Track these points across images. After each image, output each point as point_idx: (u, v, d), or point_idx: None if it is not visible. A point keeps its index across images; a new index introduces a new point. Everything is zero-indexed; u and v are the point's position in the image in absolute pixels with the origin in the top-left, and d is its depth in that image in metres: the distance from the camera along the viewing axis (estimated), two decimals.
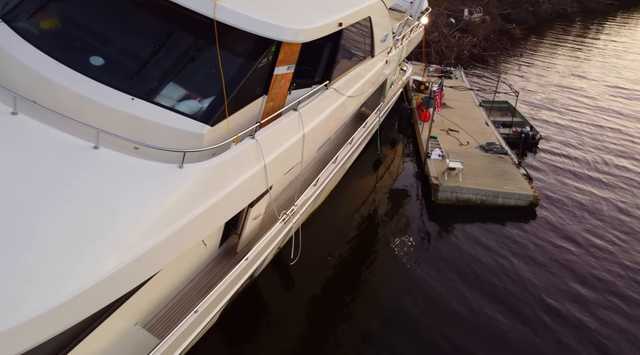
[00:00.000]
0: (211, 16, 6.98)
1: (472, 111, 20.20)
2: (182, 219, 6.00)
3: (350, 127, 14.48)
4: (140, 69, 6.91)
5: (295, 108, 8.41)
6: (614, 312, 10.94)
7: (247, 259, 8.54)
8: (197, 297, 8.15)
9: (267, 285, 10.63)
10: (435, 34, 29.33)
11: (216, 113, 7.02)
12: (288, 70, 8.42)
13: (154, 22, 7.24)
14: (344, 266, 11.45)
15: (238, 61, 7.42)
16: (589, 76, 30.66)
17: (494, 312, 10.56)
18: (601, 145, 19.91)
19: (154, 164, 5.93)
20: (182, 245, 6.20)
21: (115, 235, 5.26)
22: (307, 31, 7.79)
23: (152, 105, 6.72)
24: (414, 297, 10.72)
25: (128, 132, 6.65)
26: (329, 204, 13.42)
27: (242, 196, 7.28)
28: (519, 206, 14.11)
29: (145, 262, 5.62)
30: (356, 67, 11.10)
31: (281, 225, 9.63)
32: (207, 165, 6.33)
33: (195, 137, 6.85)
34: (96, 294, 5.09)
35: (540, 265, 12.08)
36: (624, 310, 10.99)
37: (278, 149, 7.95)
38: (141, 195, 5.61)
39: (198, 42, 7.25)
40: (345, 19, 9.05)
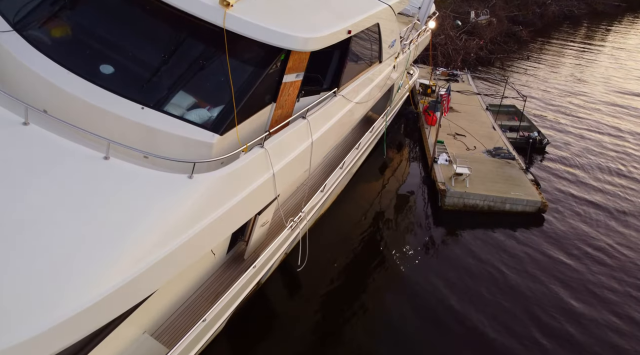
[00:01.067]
0: (221, 25, 6.98)
1: (479, 115, 20.13)
2: (192, 230, 6.00)
3: (357, 131, 14.46)
4: (149, 78, 6.92)
5: (304, 116, 8.40)
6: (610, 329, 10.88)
7: (255, 267, 8.54)
8: (205, 305, 8.15)
9: (274, 291, 10.62)
10: (442, 37, 29.24)
11: (225, 122, 7.03)
12: (297, 78, 8.42)
13: (164, 30, 7.25)
14: (351, 272, 11.43)
15: (247, 70, 7.42)
16: (597, 79, 30.50)
17: (497, 320, 10.52)
18: (610, 150, 19.76)
19: (164, 174, 5.94)
20: (192, 255, 6.20)
21: (125, 247, 5.26)
22: (316, 39, 7.78)
23: (162, 114, 6.74)
24: (421, 305, 10.68)
25: (138, 141, 6.67)
26: (336, 208, 13.40)
27: (251, 205, 7.28)
28: (527, 212, 14.05)
29: (155, 273, 5.62)
30: (364, 73, 11.08)
31: (288, 232, 9.63)
32: (216, 175, 6.33)
33: (205, 146, 6.86)
34: (106, 306, 5.09)
35: (547, 275, 12.00)
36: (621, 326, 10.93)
37: (287, 157, 7.95)
38: (151, 206, 5.61)
39: (207, 51, 7.26)
40: (354, 26, 9.03)
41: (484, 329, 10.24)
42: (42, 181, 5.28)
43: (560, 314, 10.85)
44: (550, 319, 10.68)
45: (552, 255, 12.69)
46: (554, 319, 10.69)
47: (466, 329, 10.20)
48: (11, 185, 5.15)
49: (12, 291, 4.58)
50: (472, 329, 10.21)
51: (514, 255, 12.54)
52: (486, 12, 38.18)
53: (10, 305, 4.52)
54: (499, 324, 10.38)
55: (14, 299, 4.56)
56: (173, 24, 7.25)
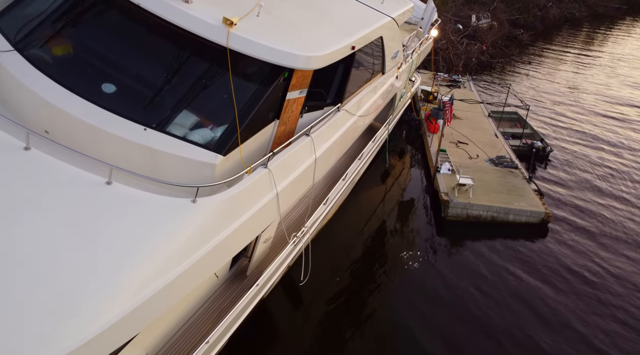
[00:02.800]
0: (224, 44, 6.90)
1: (481, 122, 20.05)
2: (195, 255, 5.92)
3: (360, 141, 14.38)
4: (152, 98, 6.83)
5: (307, 133, 8.32)
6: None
7: (258, 285, 8.46)
8: (208, 324, 8.07)
9: (277, 306, 10.53)
10: (443, 42, 29.16)
11: (228, 142, 6.94)
12: (300, 95, 8.34)
13: (167, 49, 7.17)
14: (353, 284, 11.34)
15: (250, 88, 7.34)
16: (599, 83, 30.40)
17: (503, 332, 10.44)
18: (615, 158, 19.63)
19: (167, 199, 5.86)
20: (195, 280, 6.12)
21: (127, 276, 5.18)
22: (320, 58, 7.70)
23: (165, 136, 6.65)
24: (425, 318, 10.60)
25: (141, 163, 6.58)
26: (338, 219, 13.30)
27: (255, 226, 7.20)
28: (531, 223, 13.96)
29: (158, 301, 5.54)
30: (367, 85, 11.00)
31: (291, 247, 9.55)
32: (220, 198, 6.25)
33: (208, 167, 6.77)
34: (109, 337, 5.01)
35: (549, 287, 11.92)
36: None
37: (290, 176, 7.87)
38: (154, 233, 5.53)
39: (210, 70, 7.17)
40: (358, 42, 8.95)
41: (494, 343, 10.16)
42: (42, 210, 5.20)
43: (563, 329, 10.77)
44: (555, 334, 10.61)
45: (555, 268, 12.57)
46: (560, 334, 10.61)
47: (473, 344, 10.11)
48: (10, 215, 5.06)
49: (11, 326, 4.50)
50: (479, 344, 10.13)
51: (517, 268, 12.43)
52: (487, 16, 38.08)
53: (9, 342, 4.43)
54: (508, 337, 10.30)
55: (13, 335, 4.47)
56: (176, 43, 7.17)
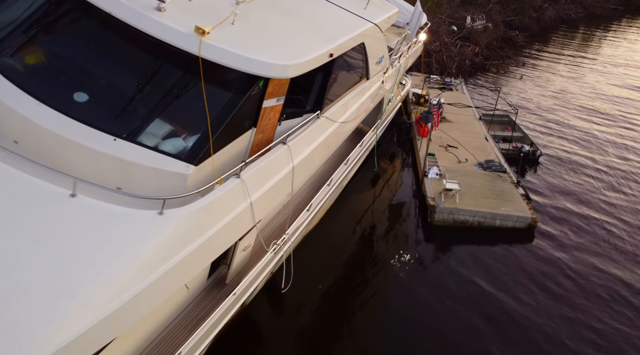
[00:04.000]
0: (196, 53, 6.85)
1: (472, 125, 20.02)
2: (162, 268, 5.86)
3: (347, 145, 14.32)
4: (122, 108, 6.78)
5: (284, 141, 8.26)
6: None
7: (235, 294, 8.40)
8: (184, 333, 8.01)
9: (259, 313, 10.49)
10: (437, 44, 29.10)
11: (201, 152, 6.88)
12: (277, 102, 8.28)
13: (139, 58, 7.11)
14: (338, 291, 11.30)
15: (224, 97, 7.28)
16: (593, 86, 30.38)
17: (488, 338, 10.40)
18: (605, 163, 19.56)
19: (133, 212, 5.80)
20: (163, 293, 6.06)
21: (87, 292, 5.11)
22: (295, 66, 7.65)
23: (135, 146, 6.59)
24: (409, 324, 10.55)
25: (112, 174, 6.53)
26: (325, 224, 13.23)
27: (227, 236, 7.14)
28: (517, 228, 13.91)
29: (122, 316, 5.48)
30: (350, 91, 10.94)
31: (271, 255, 9.49)
32: (188, 209, 6.19)
33: (179, 177, 6.72)
34: (70, 352, 4.96)
35: (530, 295, 11.85)
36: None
37: (266, 185, 7.80)
38: (118, 246, 5.47)
39: (183, 78, 7.11)
40: (336, 49, 8.89)
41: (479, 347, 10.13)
42: (2, 223, 5.14)
43: (543, 336, 10.73)
44: (535, 341, 10.58)
45: (536, 276, 12.46)
46: (531, 340, 10.58)
47: (455, 351, 10.08)
48: None
49: None
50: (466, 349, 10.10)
51: (501, 275, 12.37)
52: (482, 17, 38.05)
53: None
54: (480, 342, 10.27)
55: None
56: (148, 52, 7.11)
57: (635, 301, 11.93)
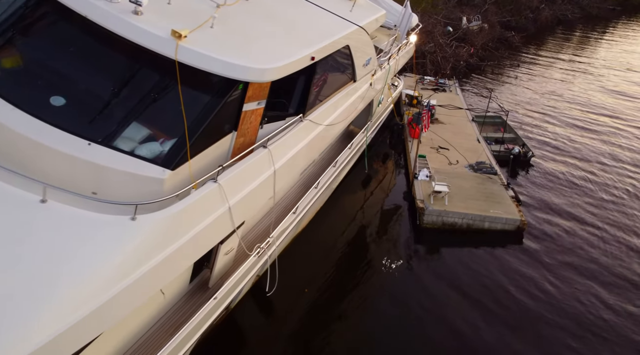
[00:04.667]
0: (173, 57, 6.81)
1: (465, 127, 19.96)
2: (135, 273, 5.82)
3: (337, 146, 14.27)
4: (98, 112, 6.74)
5: (264, 145, 8.22)
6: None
7: (216, 298, 8.36)
8: (165, 337, 7.97)
9: (244, 317, 10.43)
10: (431, 45, 29.05)
11: (177, 156, 6.84)
12: (258, 106, 8.24)
13: (116, 62, 7.07)
14: (325, 294, 11.25)
15: (202, 101, 7.24)
16: (588, 88, 30.33)
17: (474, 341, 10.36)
18: (599, 165, 19.42)
19: (104, 217, 5.76)
20: (138, 298, 6.02)
21: (56, 298, 5.08)
22: (274, 70, 7.61)
23: (110, 150, 6.55)
24: (397, 326, 10.50)
25: (86, 179, 6.48)
26: (314, 226, 13.17)
27: (205, 241, 7.10)
28: (506, 230, 13.86)
29: (94, 321, 5.45)
30: (336, 94, 10.89)
31: (255, 259, 9.45)
32: (162, 215, 6.15)
33: (155, 182, 6.67)
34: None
35: (514, 299, 11.78)
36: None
37: (245, 189, 7.76)
38: (88, 252, 5.43)
39: (161, 82, 7.07)
40: (318, 52, 8.85)
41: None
42: None
43: (528, 339, 10.70)
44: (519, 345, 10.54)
45: (521, 281, 12.36)
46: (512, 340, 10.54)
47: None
48: None
49: None
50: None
51: (489, 278, 12.31)
52: (478, 18, 38.00)
53: None
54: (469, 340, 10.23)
55: None
56: (125, 56, 7.07)
57: (612, 310, 11.87)
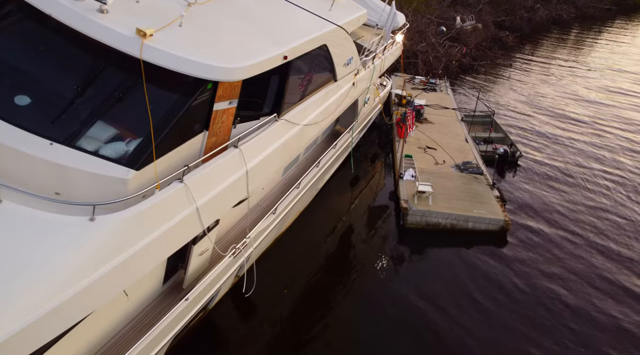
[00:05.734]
0: (137, 56, 6.73)
1: (454, 126, 19.90)
2: (93, 275, 5.74)
3: (323, 146, 14.20)
4: (61, 112, 6.66)
5: (235, 145, 8.15)
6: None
7: (188, 300, 8.28)
8: (134, 337, 7.88)
9: (222, 318, 10.36)
10: (423, 44, 28.99)
11: (142, 156, 6.76)
12: (230, 105, 8.17)
13: (79, 61, 7.00)
14: (306, 295, 11.18)
15: (169, 100, 7.17)
16: (581, 88, 30.26)
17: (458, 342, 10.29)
18: (587, 165, 19.30)
19: (62, 218, 5.69)
20: (95, 301, 5.94)
21: (10, 299, 5.01)
22: (243, 69, 7.53)
23: (72, 150, 6.47)
24: (379, 326, 10.45)
25: (47, 180, 6.41)
26: (298, 227, 13.11)
27: (171, 241, 7.02)
28: (490, 231, 13.79)
29: (51, 322, 5.38)
30: (315, 93, 10.83)
31: (230, 259, 9.37)
32: (122, 215, 6.07)
33: (120, 182, 6.59)
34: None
35: (496, 301, 11.71)
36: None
37: (215, 189, 7.69)
38: (42, 253, 5.35)
39: (126, 81, 7.00)
40: (291, 51, 8.77)
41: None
42: None
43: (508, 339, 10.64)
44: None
45: (504, 281, 12.30)
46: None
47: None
48: None
49: None
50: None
51: (471, 278, 12.24)
52: (472, 18, 37.95)
53: None
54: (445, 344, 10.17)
55: None
56: (90, 54, 7.00)
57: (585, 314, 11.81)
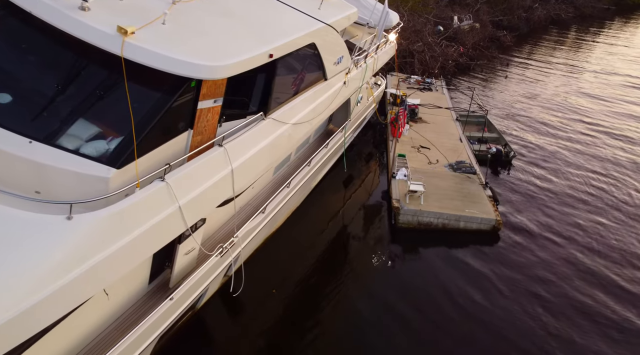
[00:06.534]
0: (118, 54, 6.70)
1: (448, 126, 19.86)
2: (71, 273, 5.70)
3: (315, 145, 14.15)
4: (41, 110, 6.63)
5: (220, 143, 8.10)
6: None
7: (172, 299, 8.23)
8: (118, 335, 7.84)
9: (211, 318, 10.31)
10: (420, 44, 28.94)
11: (124, 155, 6.72)
12: (215, 104, 8.13)
13: (61, 59, 6.96)
14: (297, 294, 11.14)
15: (152, 99, 7.13)
16: (578, 89, 30.22)
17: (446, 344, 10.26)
18: (580, 165, 19.23)
19: (40, 217, 5.65)
20: (73, 300, 5.89)
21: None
22: (226, 67, 7.48)
23: (52, 148, 6.44)
24: (369, 327, 10.41)
25: (27, 178, 6.37)
26: (291, 226, 13.07)
27: (153, 240, 6.96)
28: (482, 230, 13.74)
29: (27, 321, 5.34)
30: (304, 92, 10.78)
31: (217, 259, 9.33)
32: (101, 214, 6.03)
33: (100, 181, 6.55)
34: None
35: (491, 299, 11.68)
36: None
37: (199, 188, 7.64)
38: (18, 254, 5.31)
39: (108, 80, 6.96)
40: (277, 49, 8.73)
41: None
42: None
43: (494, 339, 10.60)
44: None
45: (499, 278, 12.28)
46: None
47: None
48: None
49: None
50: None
51: (461, 278, 12.19)
52: (469, 17, 37.91)
53: None
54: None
55: None
56: (72, 52, 6.96)
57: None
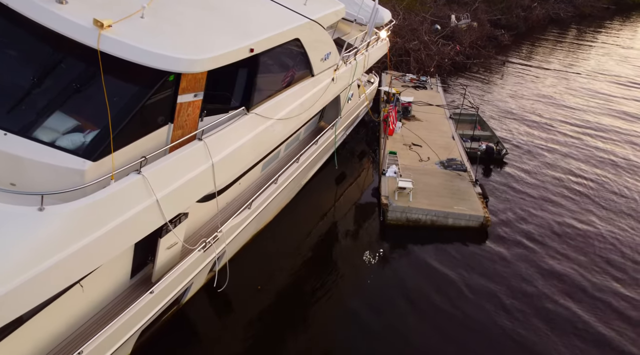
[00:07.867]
0: (95, 47, 6.71)
1: (441, 124, 19.85)
2: (41, 265, 5.71)
3: (305, 142, 14.15)
4: (16, 102, 6.65)
5: (199, 137, 8.11)
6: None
7: (153, 293, 8.24)
8: (98, 329, 7.83)
9: (195, 314, 10.31)
10: (416, 42, 28.92)
11: (100, 147, 6.74)
12: (195, 98, 8.14)
13: (37, 52, 6.98)
14: (283, 291, 11.15)
15: (129, 92, 7.15)
16: (574, 88, 30.14)
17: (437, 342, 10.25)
18: (573, 168, 19.10)
19: (11, 208, 5.66)
20: (44, 292, 5.90)
21: None
22: (204, 61, 7.49)
23: (27, 141, 6.46)
24: (352, 326, 10.41)
25: (1, 170, 6.39)
26: (280, 222, 13.08)
27: (129, 234, 6.97)
28: (470, 227, 13.73)
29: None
30: (289, 88, 10.79)
31: (200, 254, 9.33)
32: (74, 206, 6.05)
33: (76, 173, 6.57)
34: None
35: (477, 296, 11.66)
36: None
37: (178, 182, 7.65)
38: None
39: (84, 73, 6.98)
40: (258, 44, 8.73)
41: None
42: None
43: (479, 333, 10.59)
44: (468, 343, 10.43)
45: (486, 275, 12.26)
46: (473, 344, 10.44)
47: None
48: None
49: None
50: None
51: (450, 274, 12.19)
52: (467, 16, 37.85)
53: None
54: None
55: None
56: (48, 45, 6.98)
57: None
